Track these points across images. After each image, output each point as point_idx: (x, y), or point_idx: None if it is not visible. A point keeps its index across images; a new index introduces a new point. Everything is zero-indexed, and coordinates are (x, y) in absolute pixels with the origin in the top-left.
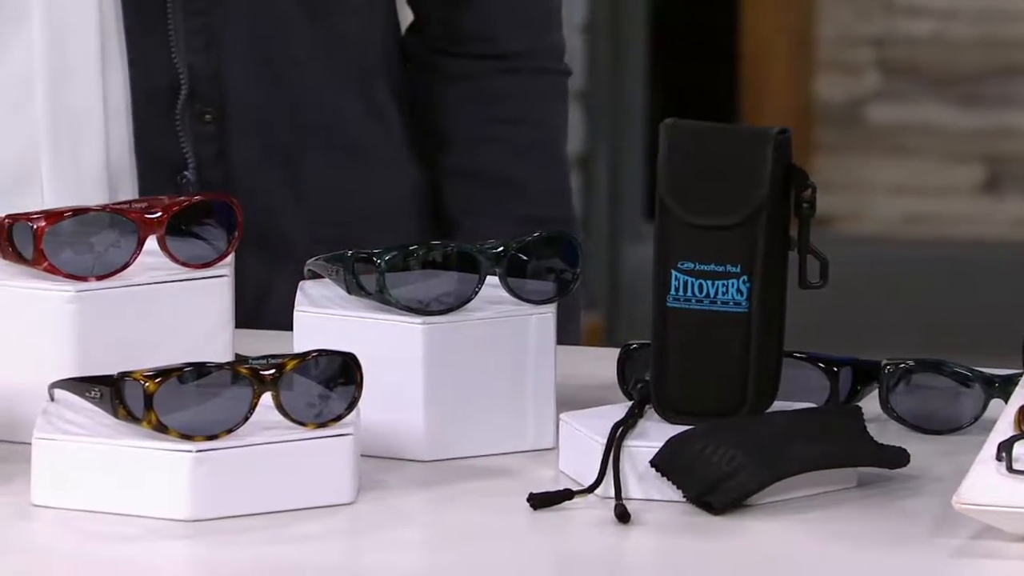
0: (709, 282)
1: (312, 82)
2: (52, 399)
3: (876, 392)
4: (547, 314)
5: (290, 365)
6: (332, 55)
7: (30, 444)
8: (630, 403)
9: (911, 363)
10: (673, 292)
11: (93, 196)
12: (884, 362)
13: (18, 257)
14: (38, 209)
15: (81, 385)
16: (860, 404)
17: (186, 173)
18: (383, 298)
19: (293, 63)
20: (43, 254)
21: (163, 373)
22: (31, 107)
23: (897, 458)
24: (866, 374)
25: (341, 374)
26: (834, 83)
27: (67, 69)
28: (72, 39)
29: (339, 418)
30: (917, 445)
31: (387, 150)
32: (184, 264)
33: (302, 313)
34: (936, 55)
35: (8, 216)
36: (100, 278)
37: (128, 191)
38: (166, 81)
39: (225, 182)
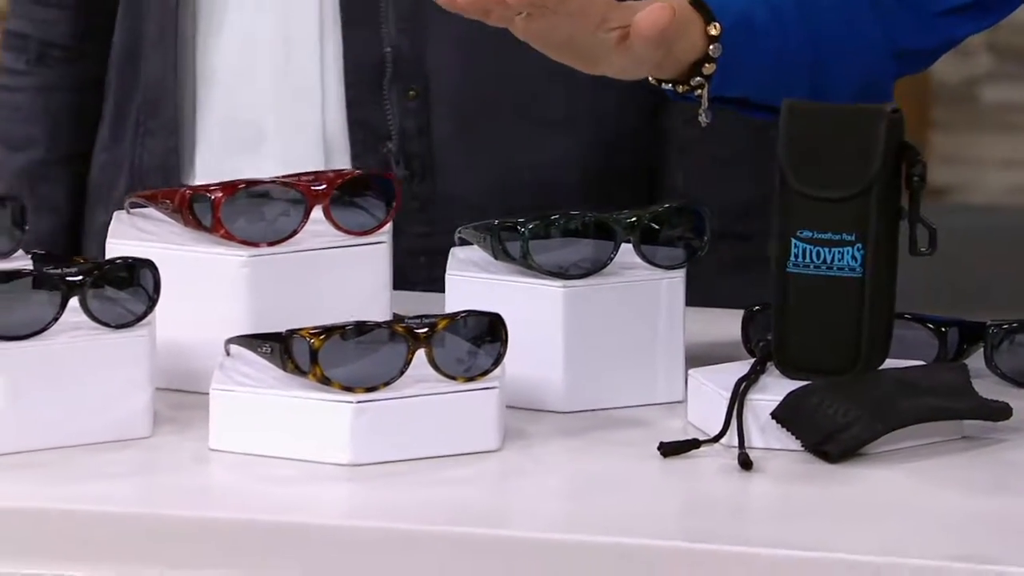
0: (826, 249)
1: (517, 71)
2: (228, 354)
3: (981, 351)
4: (677, 278)
5: (442, 324)
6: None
7: (208, 394)
8: (753, 360)
9: (1014, 324)
10: (793, 259)
11: (311, 155)
12: (989, 323)
13: (198, 225)
14: (218, 181)
15: (253, 341)
16: (966, 362)
17: (389, 144)
18: (527, 263)
19: (498, 50)
20: (220, 222)
21: (327, 331)
22: (259, 72)
23: (1000, 412)
24: (972, 334)
25: (488, 333)
26: (949, 65)
27: (290, 40)
28: (296, 14)
29: (486, 373)
30: (1019, 400)
31: (593, 130)
32: (347, 232)
33: (453, 276)
34: None
35: (189, 188)
36: (271, 244)
37: (342, 154)
38: (374, 59)
39: (425, 154)
